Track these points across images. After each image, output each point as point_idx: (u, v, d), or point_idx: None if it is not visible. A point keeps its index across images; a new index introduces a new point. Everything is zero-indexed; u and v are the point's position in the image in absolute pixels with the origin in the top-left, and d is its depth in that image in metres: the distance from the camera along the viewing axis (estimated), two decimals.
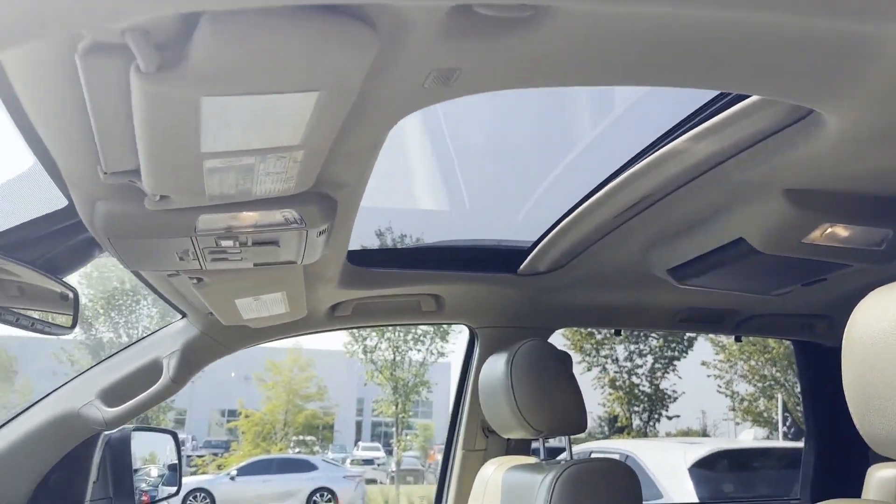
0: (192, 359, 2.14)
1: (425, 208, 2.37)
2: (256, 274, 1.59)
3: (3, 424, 2.04)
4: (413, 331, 21.22)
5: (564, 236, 1.88)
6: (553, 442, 1.95)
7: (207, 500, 16.28)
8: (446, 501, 2.46)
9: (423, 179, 2.24)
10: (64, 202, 1.25)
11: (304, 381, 23.69)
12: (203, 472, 20.22)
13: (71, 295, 1.38)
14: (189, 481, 17.11)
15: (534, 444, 2.39)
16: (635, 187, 1.50)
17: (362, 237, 2.01)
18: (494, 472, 1.98)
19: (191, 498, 16.18)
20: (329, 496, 16.72)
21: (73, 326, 1.40)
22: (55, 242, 1.33)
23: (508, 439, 2.42)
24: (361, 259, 2.00)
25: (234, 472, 17.15)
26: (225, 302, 1.80)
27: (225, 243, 1.30)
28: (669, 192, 1.51)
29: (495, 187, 2.47)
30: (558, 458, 1.91)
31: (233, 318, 1.95)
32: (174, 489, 2.79)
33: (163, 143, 0.88)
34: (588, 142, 1.86)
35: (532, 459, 2.01)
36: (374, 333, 20.82)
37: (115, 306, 21.45)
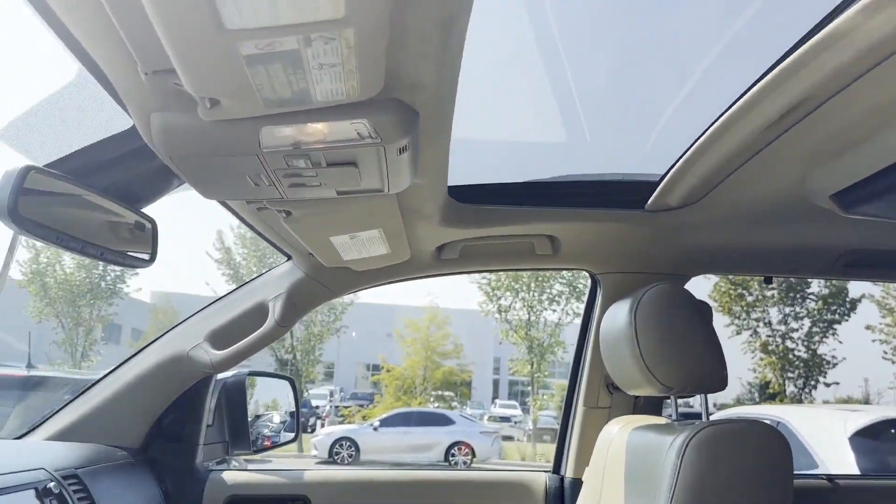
0: (298, 302, 2.06)
1: (540, 141, 2.12)
2: (346, 206, 1.46)
3: (117, 367, 2.07)
4: (548, 290, 21.06)
5: (700, 161, 1.58)
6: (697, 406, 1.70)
7: (353, 448, 17.10)
8: (566, 461, 2.27)
9: (536, 109, 2.01)
10: (130, 121, 1.16)
11: (441, 339, 24.43)
12: (349, 422, 21.43)
13: (149, 226, 1.31)
14: (336, 430, 18.26)
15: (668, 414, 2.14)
16: (788, 88, 1.19)
17: (469, 174, 1.82)
18: (619, 432, 1.77)
19: (338, 445, 17.14)
20: (467, 450, 17.01)
21: (152, 260, 1.33)
22: (129, 168, 1.25)
23: (636, 397, 2.18)
24: (466, 195, 1.81)
25: (376, 423, 17.86)
26: (320, 240, 1.69)
27: (297, 163, 1.16)
28: (834, 91, 1.18)
29: (619, 113, 2.16)
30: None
31: (333, 259, 1.84)
32: (293, 435, 2.80)
33: (175, 13, 0.73)
34: (728, 38, 1.54)
35: (662, 419, 1.77)
36: (508, 293, 20.92)
37: (267, 265, 22.79)
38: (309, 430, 21.62)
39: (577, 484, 2.13)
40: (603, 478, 1.77)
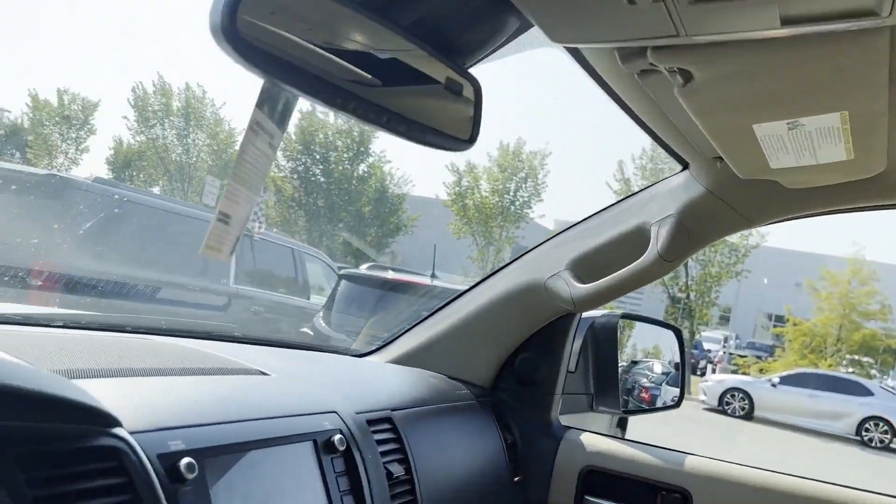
0: (692, 228, 1.46)
1: None
2: (789, 59, 0.83)
3: (468, 290, 1.75)
4: None
5: None
6: None
7: (745, 401, 15.97)
8: None
9: None
10: None
11: (865, 297, 21.93)
12: (743, 372, 20.26)
13: (470, 90, 0.86)
14: (728, 378, 17.65)
15: None
16: None
17: None
18: None
19: (729, 395, 16.16)
20: (886, 427, 14.62)
21: (472, 141, 0.89)
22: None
23: None
24: None
25: (776, 380, 16.42)
26: (735, 129, 1.05)
27: None
28: None
29: None
30: None
31: (753, 167, 1.19)
32: (676, 392, 2.26)
33: None
34: None
35: None
36: None
37: None
38: (698, 373, 20.90)
39: None
40: None
